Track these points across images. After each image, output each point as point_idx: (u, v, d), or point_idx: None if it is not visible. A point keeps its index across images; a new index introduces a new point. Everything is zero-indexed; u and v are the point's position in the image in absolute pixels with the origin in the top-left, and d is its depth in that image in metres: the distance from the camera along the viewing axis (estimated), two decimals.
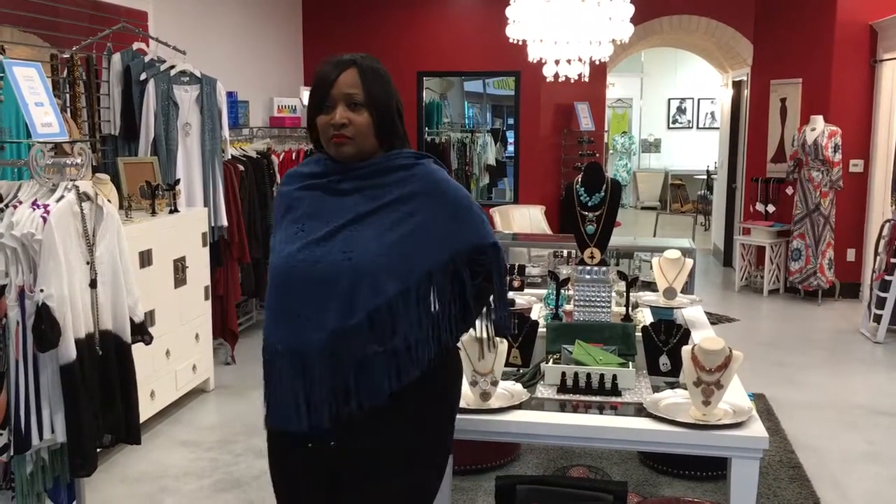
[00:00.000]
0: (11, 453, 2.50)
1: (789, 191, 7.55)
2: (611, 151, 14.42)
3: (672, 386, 2.58)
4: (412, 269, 1.76)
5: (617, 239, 3.29)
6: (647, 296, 3.53)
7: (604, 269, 3.08)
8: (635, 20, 5.63)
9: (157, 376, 4.22)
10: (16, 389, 2.46)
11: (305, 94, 6.38)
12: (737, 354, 2.29)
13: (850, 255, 7.44)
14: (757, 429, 2.24)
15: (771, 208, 7.86)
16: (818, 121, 7.16)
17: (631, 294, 3.18)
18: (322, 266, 1.76)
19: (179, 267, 4.45)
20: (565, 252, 5.94)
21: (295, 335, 1.78)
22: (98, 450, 2.66)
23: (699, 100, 15.19)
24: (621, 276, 3.16)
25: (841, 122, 7.16)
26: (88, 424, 2.54)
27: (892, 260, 5.91)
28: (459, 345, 2.30)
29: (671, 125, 15.51)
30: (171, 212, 4.47)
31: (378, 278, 1.74)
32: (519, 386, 2.53)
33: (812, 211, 7.22)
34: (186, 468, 3.86)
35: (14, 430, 2.46)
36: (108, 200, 2.71)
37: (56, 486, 2.68)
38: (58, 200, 2.48)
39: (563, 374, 2.57)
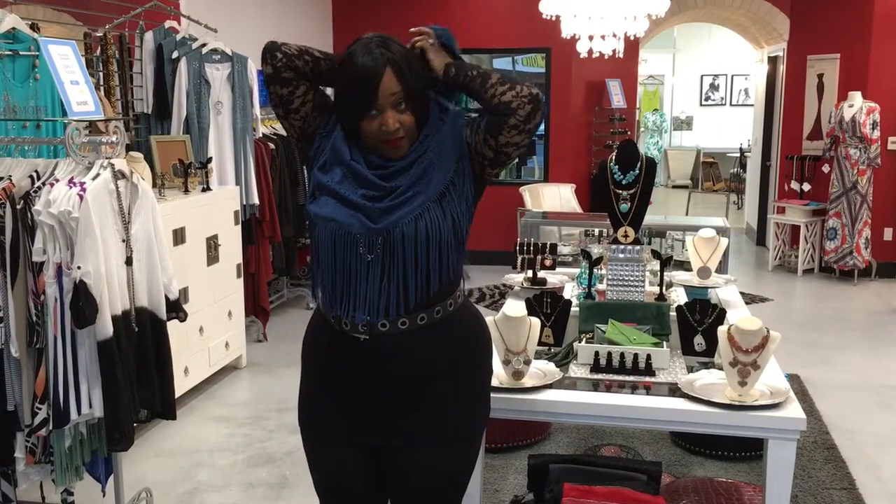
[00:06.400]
0: (51, 427, 2.54)
1: (825, 169, 7.43)
2: (642, 129, 14.26)
3: (707, 366, 2.56)
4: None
5: (649, 218, 3.26)
6: (680, 275, 3.49)
7: (637, 247, 3.05)
8: None
9: (190, 353, 4.27)
10: (54, 365, 2.50)
11: None
12: (774, 335, 2.26)
13: (888, 234, 7.32)
14: (794, 410, 2.21)
15: (806, 186, 7.74)
16: (856, 97, 7.02)
17: (665, 273, 3.15)
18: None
19: (212, 245, 4.48)
20: (596, 231, 5.91)
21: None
22: (134, 424, 2.70)
23: (732, 76, 14.95)
24: (655, 255, 3.13)
25: (879, 99, 7.02)
26: (125, 399, 2.57)
27: None
28: (493, 323, 2.31)
29: (703, 102, 15.29)
30: (203, 190, 4.49)
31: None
32: (552, 365, 2.52)
33: (849, 189, 7.09)
34: (220, 443, 3.91)
35: (53, 405, 2.51)
36: (142, 179, 2.72)
37: (94, 459, 2.73)
38: (94, 178, 2.50)
39: (597, 353, 2.55)
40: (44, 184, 2.53)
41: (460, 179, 1.82)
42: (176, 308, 2.84)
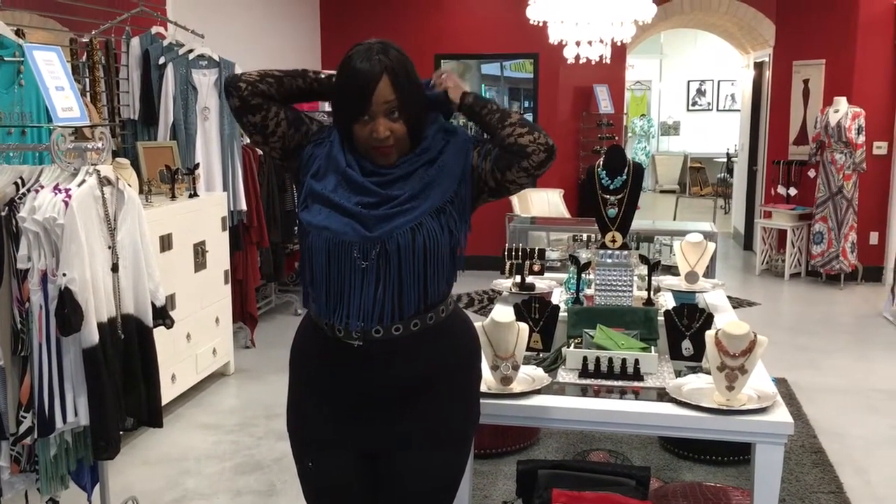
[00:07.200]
0: (35, 436, 2.52)
1: (811, 173, 7.47)
2: (629, 134, 14.30)
3: (695, 370, 2.56)
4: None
5: (637, 223, 3.28)
6: (668, 280, 3.50)
7: (625, 252, 3.06)
8: (656, 0, 5.57)
9: (177, 360, 4.24)
10: (39, 373, 2.48)
11: None
12: (761, 339, 2.27)
13: (874, 238, 7.36)
14: (781, 414, 2.21)
15: (793, 191, 7.78)
16: (841, 102, 7.07)
17: (652, 278, 3.15)
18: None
19: (199, 251, 4.46)
20: (584, 236, 5.92)
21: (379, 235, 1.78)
22: (120, 432, 2.68)
23: (719, 81, 15.03)
24: (643, 259, 3.14)
25: (864, 104, 7.07)
26: (111, 407, 2.55)
27: None
28: (481, 328, 2.30)
29: (691, 107, 15.37)
30: (190, 196, 4.47)
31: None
32: (540, 370, 2.51)
33: (835, 194, 7.13)
34: (208, 451, 3.89)
35: (38, 414, 2.48)
36: (129, 185, 2.71)
37: (79, 468, 2.71)
38: (79, 185, 2.48)
39: (585, 358, 2.55)
40: (29, 190, 2.51)
41: (460, 199, 1.83)
42: (162, 315, 2.82)
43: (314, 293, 1.84)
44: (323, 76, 1.93)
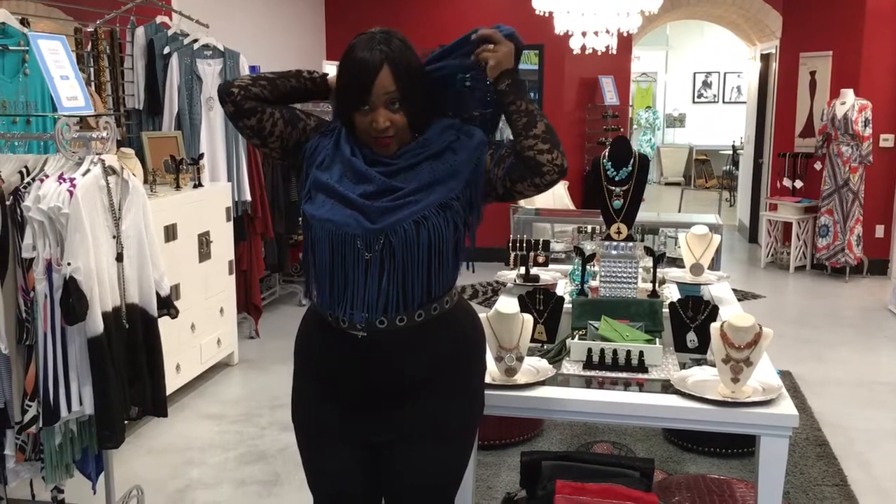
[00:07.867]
0: (41, 425, 2.53)
1: (818, 166, 7.44)
2: (635, 126, 14.27)
3: (699, 363, 2.56)
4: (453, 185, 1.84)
5: (642, 214, 3.25)
6: (673, 272, 3.49)
7: (630, 244, 3.05)
8: None
9: (182, 350, 4.25)
10: (44, 362, 2.48)
11: (328, 68, 6.27)
12: (767, 331, 2.26)
13: (879, 231, 7.34)
14: (786, 406, 2.21)
15: (798, 184, 7.76)
16: (848, 94, 7.04)
17: (657, 270, 3.15)
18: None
19: (204, 241, 4.47)
20: (589, 227, 5.90)
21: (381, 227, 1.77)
22: (125, 422, 2.68)
23: (725, 73, 14.98)
24: (648, 251, 3.12)
25: (871, 96, 7.04)
26: (116, 397, 2.56)
27: None
28: (486, 320, 2.30)
29: (696, 99, 15.32)
30: (195, 186, 4.48)
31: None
32: (544, 362, 2.51)
33: (841, 186, 7.11)
34: (212, 441, 3.90)
35: (43, 403, 2.49)
36: (133, 174, 2.71)
37: (84, 457, 2.72)
38: (84, 174, 2.48)
39: (590, 350, 2.55)
40: (33, 179, 2.51)
41: (466, 198, 1.83)
42: (167, 305, 2.82)
43: (318, 285, 1.84)
44: (317, 75, 1.93)
